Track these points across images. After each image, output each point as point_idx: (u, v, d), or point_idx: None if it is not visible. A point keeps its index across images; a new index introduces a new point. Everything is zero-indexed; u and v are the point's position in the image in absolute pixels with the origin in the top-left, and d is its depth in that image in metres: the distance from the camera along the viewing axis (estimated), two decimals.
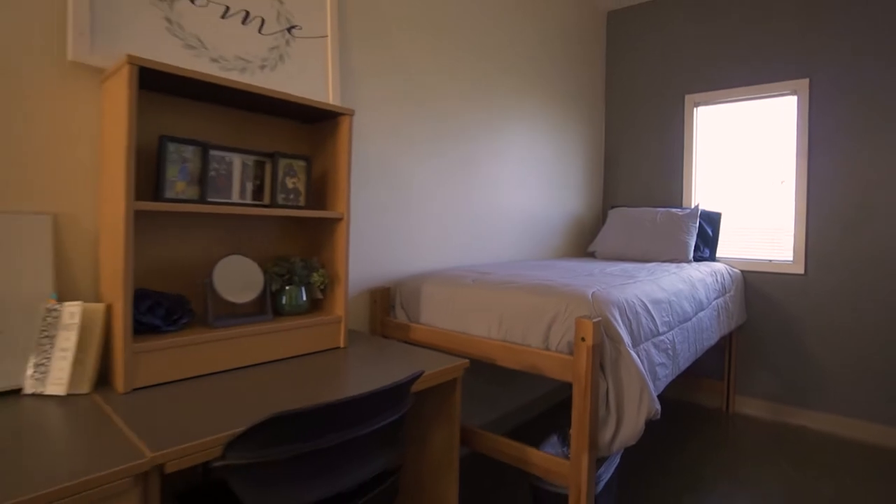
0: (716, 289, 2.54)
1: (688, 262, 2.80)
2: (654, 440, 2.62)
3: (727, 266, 2.93)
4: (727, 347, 3.06)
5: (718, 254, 3.16)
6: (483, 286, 1.70)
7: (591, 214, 3.57)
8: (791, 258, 2.94)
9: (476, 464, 2.29)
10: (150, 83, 1.21)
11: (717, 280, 2.61)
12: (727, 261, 3.11)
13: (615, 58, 3.62)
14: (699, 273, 2.47)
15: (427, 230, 2.21)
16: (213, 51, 1.42)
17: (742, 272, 3.06)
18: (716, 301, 2.50)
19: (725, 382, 3.08)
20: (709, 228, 3.06)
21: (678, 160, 3.33)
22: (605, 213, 3.66)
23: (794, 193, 2.91)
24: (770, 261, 3.01)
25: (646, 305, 1.71)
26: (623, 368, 1.42)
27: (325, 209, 1.57)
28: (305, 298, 1.51)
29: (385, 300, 1.89)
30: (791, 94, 2.92)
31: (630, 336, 1.51)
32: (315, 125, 1.63)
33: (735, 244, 3.16)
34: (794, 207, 2.91)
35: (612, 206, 3.45)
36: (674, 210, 3.02)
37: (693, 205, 3.25)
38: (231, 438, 0.88)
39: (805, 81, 2.86)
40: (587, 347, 1.35)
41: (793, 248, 2.92)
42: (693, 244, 2.89)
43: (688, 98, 3.28)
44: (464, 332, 1.64)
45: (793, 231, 2.93)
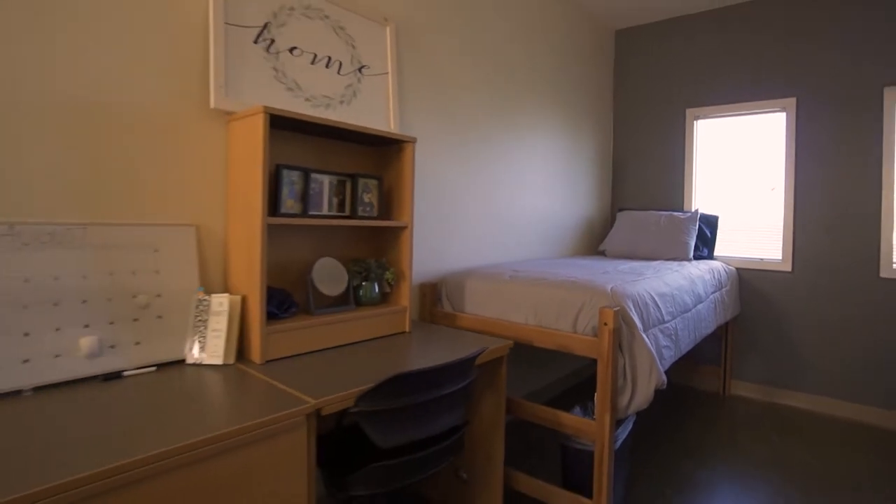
0: (713, 284, 2.88)
1: (688, 261, 3.13)
2: (660, 417, 2.98)
3: (723, 264, 3.27)
4: (723, 337, 3.41)
5: (716, 253, 3.50)
6: (519, 282, 2.04)
7: (601, 217, 3.91)
8: (780, 257, 3.28)
9: (515, 429, 2.64)
10: (271, 122, 1.54)
11: (714, 277, 2.95)
12: (723, 259, 3.45)
13: (622, 74, 3.96)
14: (698, 270, 2.81)
15: (462, 233, 2.54)
16: (306, 91, 1.75)
17: (737, 269, 3.40)
18: (713, 295, 2.84)
19: (722, 368, 3.43)
20: (707, 230, 3.40)
21: (679, 168, 3.67)
22: (614, 216, 4.00)
23: (783, 199, 3.25)
24: (761, 259, 3.36)
25: (654, 298, 2.05)
26: (637, 348, 1.77)
27: (393, 219, 1.90)
28: (378, 292, 1.85)
29: (432, 293, 2.23)
30: (780, 111, 3.26)
31: (642, 322, 1.85)
32: (383, 149, 1.96)
33: (731, 244, 3.51)
34: (783, 212, 3.25)
35: (620, 210, 3.79)
36: (676, 213, 3.35)
37: (693, 209, 3.60)
38: (362, 392, 1.22)
39: (793, 100, 3.20)
40: (609, 331, 1.69)
41: (781, 248, 3.27)
42: (693, 244, 3.23)
43: (688, 112, 3.62)
44: (504, 320, 1.98)
45: (781, 233, 3.27)
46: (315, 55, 1.78)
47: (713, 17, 3.52)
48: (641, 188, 3.87)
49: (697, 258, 3.29)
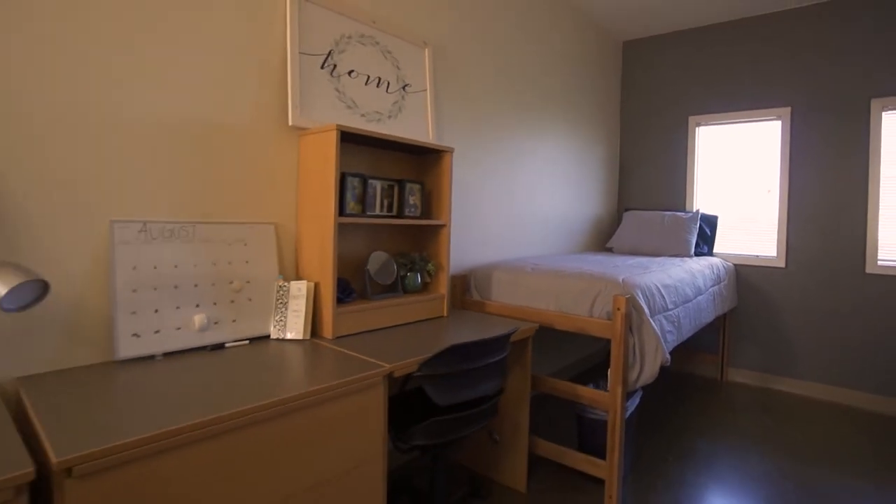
0: (712, 278, 3.16)
1: (690, 257, 3.41)
2: (664, 399, 3.26)
3: (722, 260, 3.55)
4: (721, 327, 3.69)
5: (715, 250, 3.78)
6: (540, 274, 2.33)
7: (609, 216, 4.19)
8: (775, 254, 3.56)
9: (535, 406, 2.93)
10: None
11: (714, 272, 3.23)
12: (722, 256, 3.73)
13: (629, 83, 4.23)
14: (699, 266, 3.09)
15: (483, 231, 2.82)
16: (362, 108, 2.03)
17: (734, 265, 3.68)
18: (712, 288, 3.12)
19: (720, 356, 3.71)
20: (707, 229, 3.67)
21: (682, 171, 3.95)
22: (621, 215, 4.28)
23: (778, 200, 3.53)
24: (757, 256, 3.64)
25: (659, 289, 2.33)
26: (645, 330, 2.05)
27: (433, 218, 2.19)
28: (420, 282, 2.13)
29: (462, 284, 2.51)
30: (776, 119, 3.53)
31: (649, 309, 2.13)
32: (424, 157, 2.25)
33: (729, 242, 3.78)
34: (778, 212, 3.53)
35: (627, 209, 4.07)
36: (678, 213, 3.63)
37: (694, 209, 3.87)
38: (424, 360, 1.51)
39: (787, 109, 3.47)
40: (621, 315, 1.98)
41: (776, 246, 3.55)
42: (694, 242, 3.50)
43: (691, 119, 3.89)
44: (528, 306, 2.27)
45: (776, 231, 3.55)
46: (368, 76, 2.06)
47: (715, 32, 3.79)
48: (646, 190, 4.15)
49: (698, 255, 3.56)
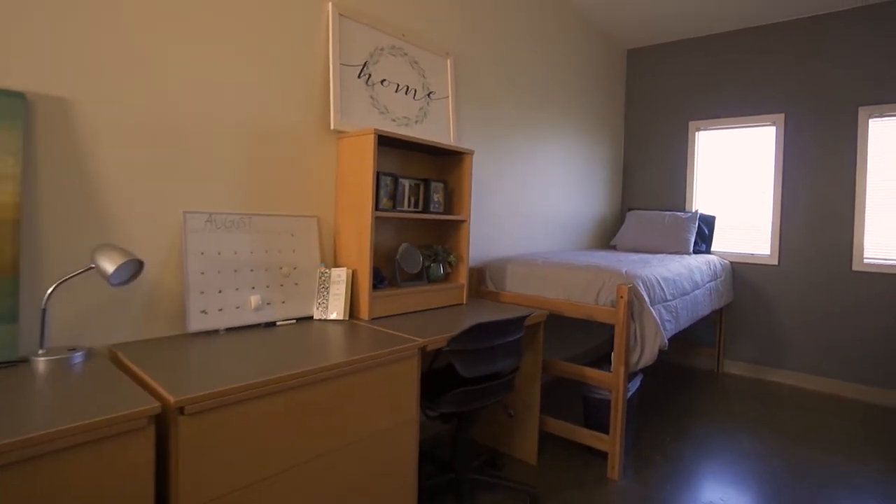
0: (709, 274, 3.37)
1: (688, 254, 3.62)
2: (663, 388, 3.48)
3: (719, 258, 3.76)
4: (718, 321, 3.90)
5: (713, 248, 3.99)
6: (550, 266, 2.54)
7: (612, 215, 4.41)
8: (768, 252, 3.77)
9: (545, 388, 3.14)
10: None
11: (710, 268, 3.44)
12: (719, 253, 3.94)
13: (633, 88, 4.44)
14: (696, 262, 3.30)
15: (498, 227, 3.04)
16: (392, 114, 2.24)
17: (731, 263, 3.89)
18: (709, 283, 3.33)
19: (716, 349, 3.93)
20: (705, 228, 3.88)
21: (682, 173, 4.16)
22: (624, 215, 4.50)
23: (772, 201, 3.74)
24: (752, 254, 3.85)
25: (659, 281, 2.54)
26: (645, 317, 2.26)
27: (454, 214, 2.40)
28: (442, 272, 2.34)
29: (478, 275, 2.72)
30: (771, 125, 3.75)
31: (649, 298, 2.35)
32: (447, 158, 2.46)
33: (726, 241, 4.00)
34: (772, 213, 3.74)
35: (629, 209, 4.28)
36: (678, 213, 3.84)
37: (693, 209, 4.09)
38: (452, 336, 1.72)
39: (781, 115, 3.69)
40: (624, 303, 2.19)
41: (770, 245, 3.76)
42: (693, 240, 3.72)
43: (691, 124, 4.10)
44: (540, 296, 2.48)
45: (770, 231, 3.76)
46: (398, 84, 2.28)
47: (714, 42, 4.00)
48: (648, 190, 4.36)
49: (696, 252, 3.78)
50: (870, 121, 3.41)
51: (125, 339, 1.52)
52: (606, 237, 4.36)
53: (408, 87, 2.32)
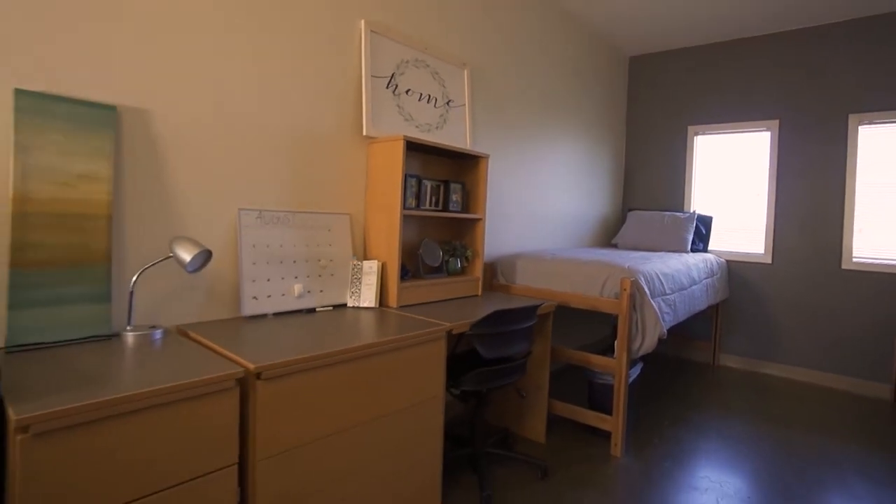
0: (706, 271, 3.58)
1: (686, 253, 3.83)
2: (661, 379, 3.69)
3: (715, 256, 3.97)
4: (714, 317, 4.11)
5: (710, 247, 4.20)
6: (558, 261, 2.75)
7: (614, 215, 4.62)
8: (762, 251, 3.98)
9: (553, 377, 3.35)
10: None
11: (707, 266, 3.65)
12: (716, 252, 4.15)
13: (634, 94, 4.65)
14: (694, 260, 3.51)
15: (507, 225, 3.25)
16: (416, 121, 2.45)
17: (727, 261, 4.10)
18: (705, 280, 3.54)
19: (712, 343, 4.14)
20: (703, 228, 4.09)
21: (681, 175, 4.37)
22: (625, 215, 4.71)
23: (766, 203, 3.95)
24: (747, 253, 4.06)
25: (658, 276, 2.75)
26: (646, 308, 2.47)
27: (470, 213, 2.61)
28: (459, 266, 2.55)
29: (490, 270, 2.93)
30: (766, 130, 3.96)
31: (650, 291, 2.56)
32: (465, 161, 2.67)
33: (722, 240, 4.21)
34: (765, 214, 3.95)
35: (630, 210, 4.49)
36: (677, 213, 4.05)
37: (691, 210, 4.30)
38: (475, 321, 1.93)
39: (776, 121, 3.90)
40: (626, 295, 2.40)
41: (764, 244, 3.97)
42: (690, 239, 3.93)
43: (690, 128, 4.31)
44: (548, 289, 2.69)
45: (764, 231, 3.97)
46: (421, 94, 2.49)
47: (712, 50, 4.21)
48: (648, 192, 4.57)
49: (694, 251, 3.99)
50: (859, 127, 3.62)
51: (190, 321, 1.73)
52: (608, 236, 4.57)
53: (429, 96, 2.53)
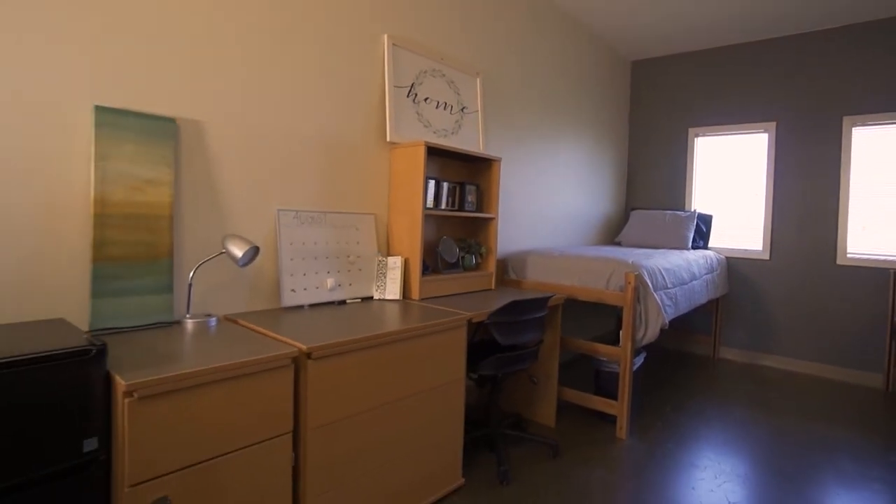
0: (706, 267, 3.75)
1: (687, 250, 4.00)
2: (663, 370, 3.86)
3: (715, 253, 4.14)
4: (714, 311, 4.28)
5: (710, 244, 4.37)
6: (566, 257, 2.93)
7: (617, 214, 4.79)
8: (761, 248, 4.15)
9: (562, 367, 3.53)
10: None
11: (707, 262, 3.82)
12: (716, 249, 4.32)
13: (637, 97, 4.83)
14: (694, 256, 3.68)
15: (516, 224, 3.42)
16: (433, 127, 2.63)
17: (726, 257, 4.27)
18: (705, 276, 3.71)
19: (713, 336, 4.31)
20: (703, 226, 4.26)
21: (682, 176, 4.55)
22: (628, 214, 4.88)
23: (764, 202, 4.12)
24: (746, 250, 4.23)
25: (661, 271, 2.92)
26: (649, 300, 2.65)
27: (484, 212, 2.79)
28: (474, 262, 2.73)
29: (501, 266, 3.11)
30: (763, 132, 4.13)
31: (653, 284, 2.73)
32: (479, 164, 2.85)
33: (722, 238, 4.38)
34: (764, 212, 4.12)
35: (633, 209, 4.66)
36: (678, 212, 4.22)
37: (692, 209, 4.47)
38: (493, 311, 2.11)
39: (773, 123, 4.07)
40: (631, 288, 2.57)
41: (762, 241, 4.14)
42: (691, 237, 4.09)
43: (690, 130, 4.48)
44: (557, 283, 2.87)
45: (762, 229, 4.14)
46: (438, 101, 2.67)
47: (712, 55, 4.38)
48: (650, 191, 4.74)
49: (695, 248, 4.15)
50: (853, 129, 3.79)
51: (237, 310, 1.92)
52: (612, 234, 4.74)
53: (445, 104, 2.71)
